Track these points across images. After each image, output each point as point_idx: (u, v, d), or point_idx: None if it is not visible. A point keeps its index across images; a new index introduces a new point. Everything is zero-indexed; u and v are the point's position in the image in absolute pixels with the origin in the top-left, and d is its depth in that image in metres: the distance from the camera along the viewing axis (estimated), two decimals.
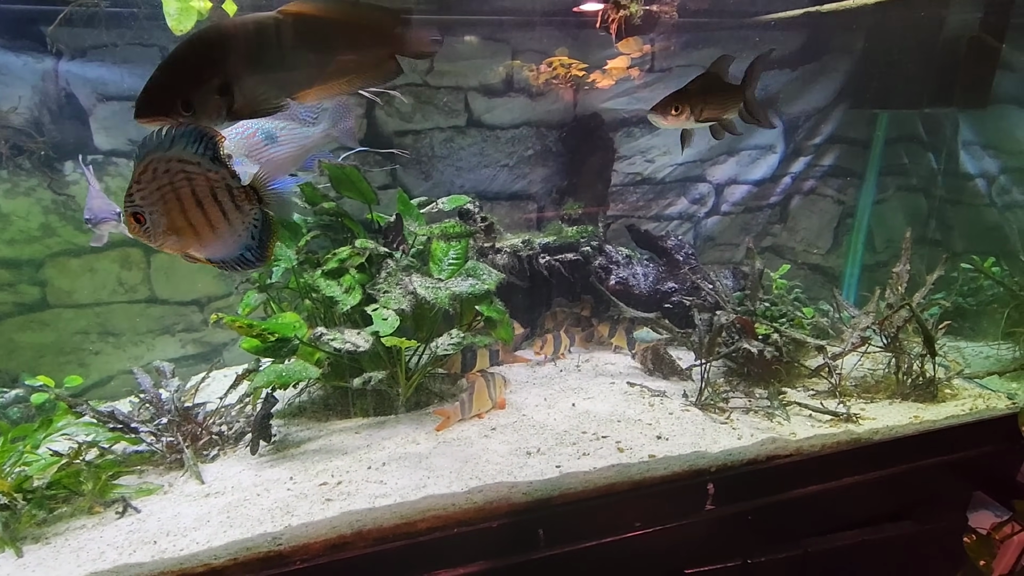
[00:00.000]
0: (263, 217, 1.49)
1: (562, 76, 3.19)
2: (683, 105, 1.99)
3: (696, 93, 2.01)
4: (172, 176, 1.36)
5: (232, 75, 1.35)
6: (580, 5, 2.92)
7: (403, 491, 2.04)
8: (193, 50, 1.35)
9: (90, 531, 1.96)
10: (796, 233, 3.78)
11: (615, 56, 3.17)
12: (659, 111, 2.01)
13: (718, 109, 2.06)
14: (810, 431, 2.48)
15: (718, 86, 2.07)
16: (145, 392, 2.51)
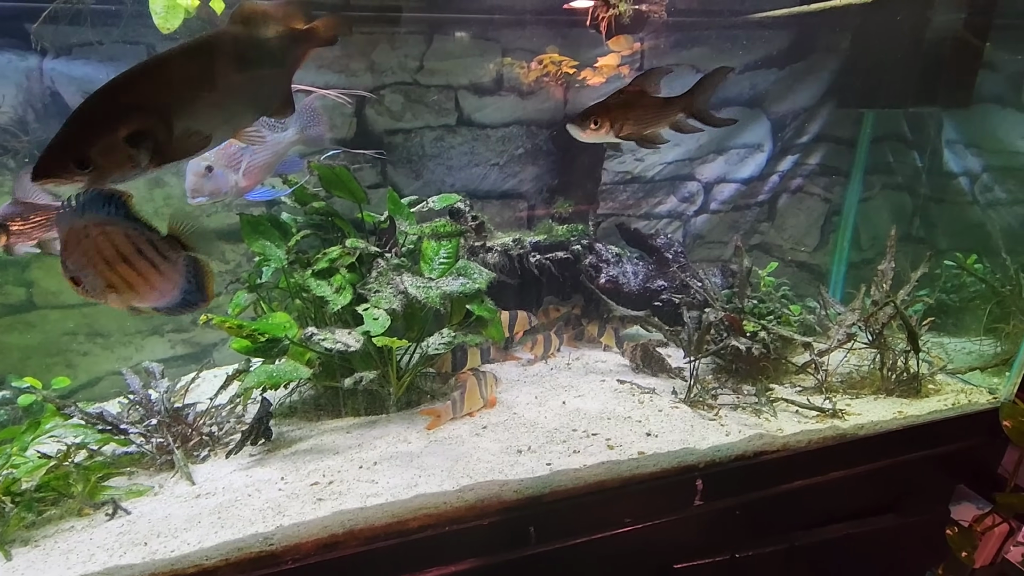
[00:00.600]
0: (191, 260, 1.55)
1: (553, 74, 3.20)
2: (603, 119, 1.95)
3: (617, 108, 1.97)
4: (94, 240, 1.38)
5: (145, 121, 1.25)
6: (570, 3, 2.93)
7: (394, 490, 2.05)
8: (90, 103, 1.26)
9: (80, 533, 1.95)
10: (784, 231, 3.82)
11: (606, 54, 3.19)
12: (577, 123, 1.96)
13: (641, 125, 2.01)
14: (797, 427, 2.51)
15: (642, 102, 2.01)
16: (134, 393, 2.51)
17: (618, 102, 1.97)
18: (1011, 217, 3.31)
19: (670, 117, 2.06)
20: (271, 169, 2.39)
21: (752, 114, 3.54)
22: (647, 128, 2.04)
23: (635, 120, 1.99)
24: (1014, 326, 3.00)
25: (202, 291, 1.58)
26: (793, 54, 3.43)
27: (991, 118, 3.29)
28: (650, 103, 2.02)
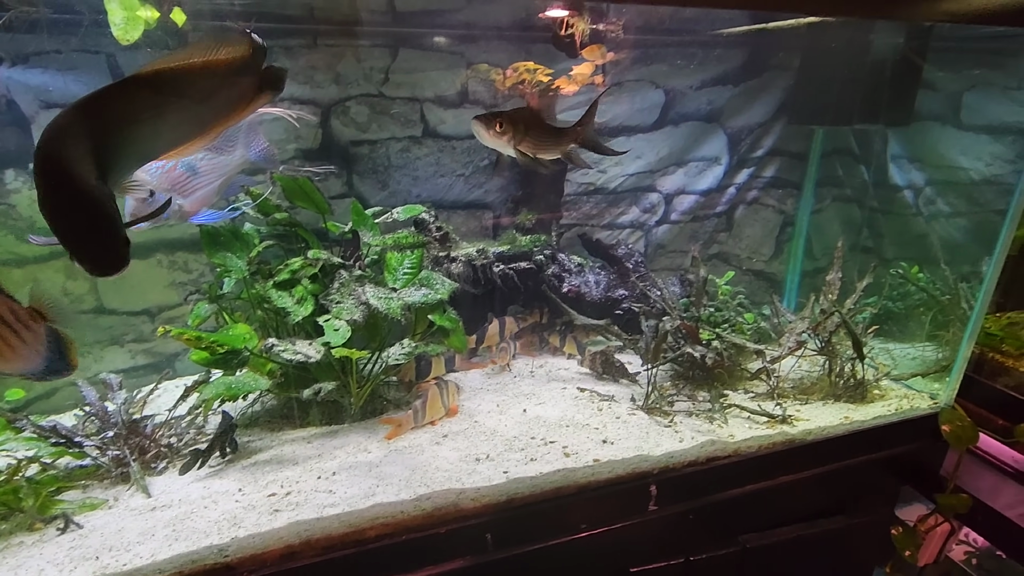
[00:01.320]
0: (53, 332, 1.63)
1: (528, 82, 3.26)
2: (507, 127, 1.98)
3: (522, 122, 2.02)
4: None
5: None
6: (543, 13, 2.99)
7: (352, 500, 2.08)
8: (96, 203, 1.29)
9: (29, 548, 1.93)
10: (741, 241, 3.94)
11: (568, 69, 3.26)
12: (483, 122, 1.98)
13: (537, 145, 2.08)
14: (748, 432, 2.60)
15: (542, 124, 2.10)
16: (90, 405, 2.48)
17: (524, 117, 2.03)
18: (952, 229, 3.48)
19: (563, 145, 2.19)
20: (219, 193, 2.40)
21: (710, 128, 3.66)
22: (541, 151, 2.12)
23: (533, 139, 2.06)
24: (953, 333, 3.15)
25: (66, 360, 1.67)
26: (746, 72, 3.56)
27: (932, 135, 3.46)
28: (547, 128, 2.12)
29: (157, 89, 1.41)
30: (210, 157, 2.36)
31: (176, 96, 1.45)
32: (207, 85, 1.50)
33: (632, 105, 3.46)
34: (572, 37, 2.67)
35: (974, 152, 3.40)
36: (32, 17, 2.39)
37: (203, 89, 1.50)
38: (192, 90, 1.47)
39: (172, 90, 1.43)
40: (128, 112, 1.39)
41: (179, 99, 1.46)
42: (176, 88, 1.44)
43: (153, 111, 1.43)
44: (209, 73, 1.49)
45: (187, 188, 2.26)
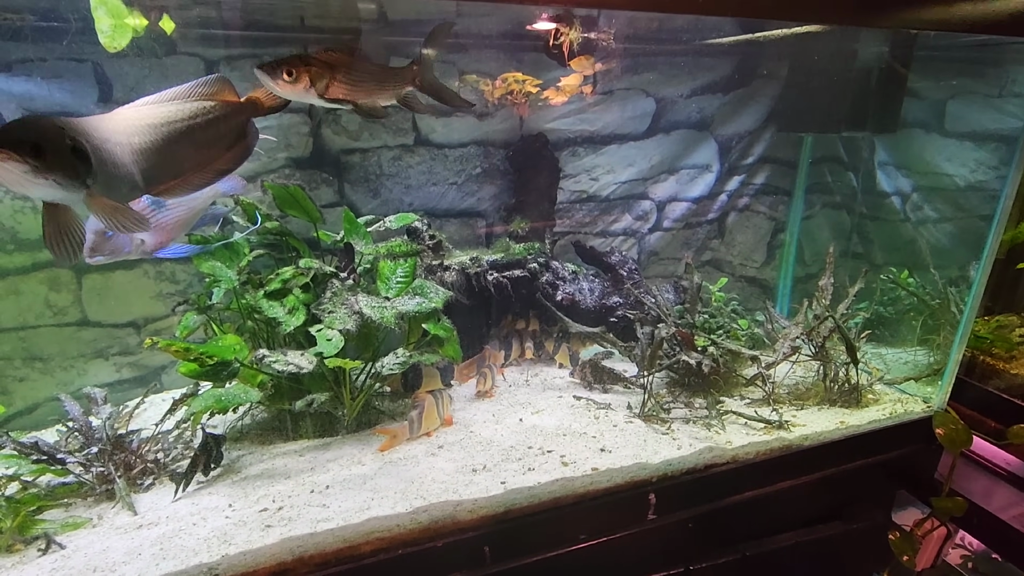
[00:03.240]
0: None
1: (517, 92, 3.26)
2: (300, 72, 1.64)
3: (321, 63, 1.68)
4: None
5: (83, 148, 1.40)
6: (532, 25, 3.00)
7: (346, 514, 2.03)
8: (37, 120, 1.39)
9: (9, 571, 1.85)
10: (733, 247, 3.97)
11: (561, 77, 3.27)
12: (267, 71, 1.65)
13: (356, 90, 1.75)
14: (745, 439, 2.59)
15: (358, 64, 1.76)
16: (73, 420, 2.41)
17: (325, 58, 1.71)
18: (939, 234, 3.53)
19: (395, 88, 1.86)
20: (188, 226, 2.31)
21: (700, 136, 3.69)
22: (364, 96, 1.79)
23: (347, 82, 1.74)
24: (944, 337, 3.18)
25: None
26: (736, 80, 3.60)
27: (917, 142, 3.51)
28: (368, 68, 1.79)
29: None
30: None
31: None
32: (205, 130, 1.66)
33: (623, 113, 3.48)
34: (561, 47, 2.67)
35: (959, 159, 3.46)
36: (16, 24, 2.35)
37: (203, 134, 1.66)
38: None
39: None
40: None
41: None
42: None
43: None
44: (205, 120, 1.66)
45: (152, 221, 2.14)
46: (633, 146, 3.58)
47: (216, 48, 2.89)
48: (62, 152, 1.34)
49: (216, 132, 1.76)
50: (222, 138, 1.78)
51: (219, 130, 1.77)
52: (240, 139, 1.82)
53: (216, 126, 1.75)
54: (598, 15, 2.84)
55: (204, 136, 1.72)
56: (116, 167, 1.50)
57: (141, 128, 1.60)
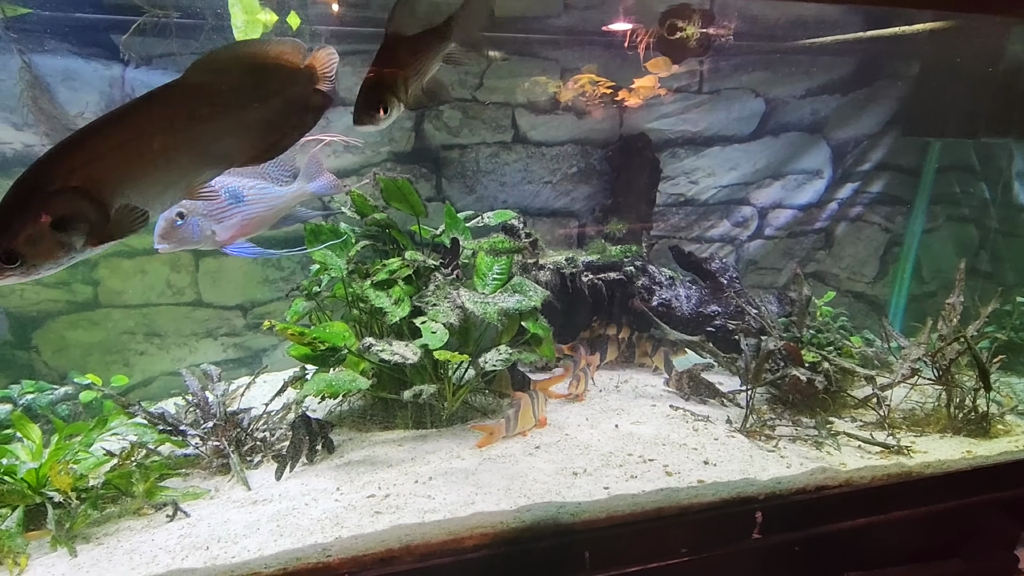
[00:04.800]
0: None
1: (589, 94, 3.21)
2: (389, 101, 1.53)
3: (393, 76, 1.54)
4: None
5: (71, 205, 1.12)
6: (608, 26, 2.95)
7: (452, 507, 2.03)
8: (11, 191, 1.16)
9: (140, 533, 1.96)
10: (841, 260, 3.73)
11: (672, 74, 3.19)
12: (366, 118, 1.53)
13: (423, 75, 1.62)
14: (860, 462, 2.42)
15: (412, 47, 1.59)
16: (193, 395, 2.54)
17: (391, 68, 1.55)
18: None
19: (440, 51, 1.68)
20: (265, 224, 2.23)
21: (812, 140, 3.50)
22: (426, 76, 1.65)
23: (417, 75, 1.60)
24: None
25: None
26: (857, 80, 3.39)
27: None
28: (416, 46, 1.60)
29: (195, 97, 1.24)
30: (260, 186, 2.19)
31: (220, 100, 1.28)
32: (254, 88, 1.33)
33: (729, 114, 3.35)
34: (680, 41, 2.58)
35: None
36: (162, 21, 2.50)
37: (250, 92, 1.33)
38: (238, 93, 1.30)
39: (214, 95, 1.27)
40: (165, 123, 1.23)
41: (224, 103, 1.28)
42: (220, 92, 1.27)
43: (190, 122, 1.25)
44: (257, 74, 1.32)
45: (225, 214, 2.09)
46: (737, 148, 3.44)
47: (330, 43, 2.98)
48: (47, 242, 1.12)
49: (284, 100, 1.42)
50: (286, 109, 1.43)
51: (287, 97, 1.42)
52: (306, 107, 1.46)
53: (284, 93, 1.41)
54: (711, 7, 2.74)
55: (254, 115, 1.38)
56: (138, 192, 1.23)
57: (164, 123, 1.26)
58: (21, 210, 1.09)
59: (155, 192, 1.26)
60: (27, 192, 1.11)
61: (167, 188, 1.29)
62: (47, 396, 2.68)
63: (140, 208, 1.22)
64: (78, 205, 1.12)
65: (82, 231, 1.14)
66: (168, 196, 1.33)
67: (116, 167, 1.16)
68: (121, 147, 1.17)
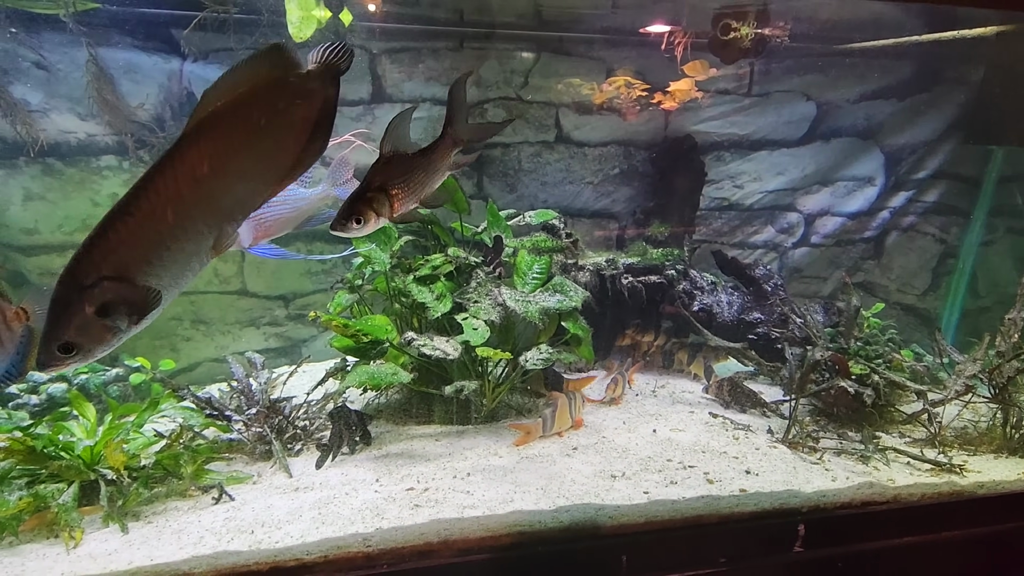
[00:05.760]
0: (29, 332, 1.61)
1: (625, 95, 3.17)
2: (366, 213, 1.55)
3: (376, 190, 1.57)
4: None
5: (109, 293, 1.19)
6: (645, 28, 2.91)
7: (490, 503, 2.03)
8: (56, 290, 1.21)
9: (187, 514, 2.01)
10: (891, 271, 3.62)
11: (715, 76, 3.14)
12: (340, 228, 1.57)
13: (416, 193, 1.64)
14: (909, 479, 2.34)
15: (404, 166, 1.62)
16: (238, 381, 2.60)
17: (377, 184, 1.58)
18: None
19: (445, 163, 1.71)
20: (289, 225, 2.19)
21: (865, 146, 3.40)
22: (424, 190, 1.67)
23: (405, 190, 1.61)
24: None
25: (23, 364, 1.63)
26: (915, 85, 3.27)
27: None
28: (412, 163, 1.62)
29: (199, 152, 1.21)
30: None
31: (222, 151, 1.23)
32: (249, 123, 1.25)
33: (779, 117, 3.28)
34: (733, 42, 2.54)
35: None
36: (222, 17, 2.57)
37: (246, 131, 1.26)
38: (234, 137, 1.24)
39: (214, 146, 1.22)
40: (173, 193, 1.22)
41: (222, 153, 1.24)
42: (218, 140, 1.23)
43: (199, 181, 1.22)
44: (248, 106, 1.24)
45: (252, 216, 1.91)
46: (786, 153, 3.36)
47: (379, 41, 3.02)
48: (90, 325, 1.19)
49: (282, 124, 1.30)
50: (290, 129, 1.32)
51: (285, 121, 1.30)
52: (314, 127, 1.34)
53: (280, 117, 1.30)
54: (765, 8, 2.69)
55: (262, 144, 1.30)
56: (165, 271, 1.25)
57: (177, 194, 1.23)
58: (66, 306, 1.19)
59: (182, 260, 1.29)
60: (68, 289, 1.20)
61: (192, 256, 1.30)
62: (100, 376, 2.78)
63: (173, 284, 1.29)
64: (114, 291, 1.20)
65: (124, 312, 1.22)
66: (197, 261, 1.34)
67: (138, 249, 1.22)
68: (138, 229, 1.21)
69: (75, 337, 1.20)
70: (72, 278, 1.19)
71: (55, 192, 2.68)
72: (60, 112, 2.61)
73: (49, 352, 1.21)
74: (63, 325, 1.19)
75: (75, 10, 2.36)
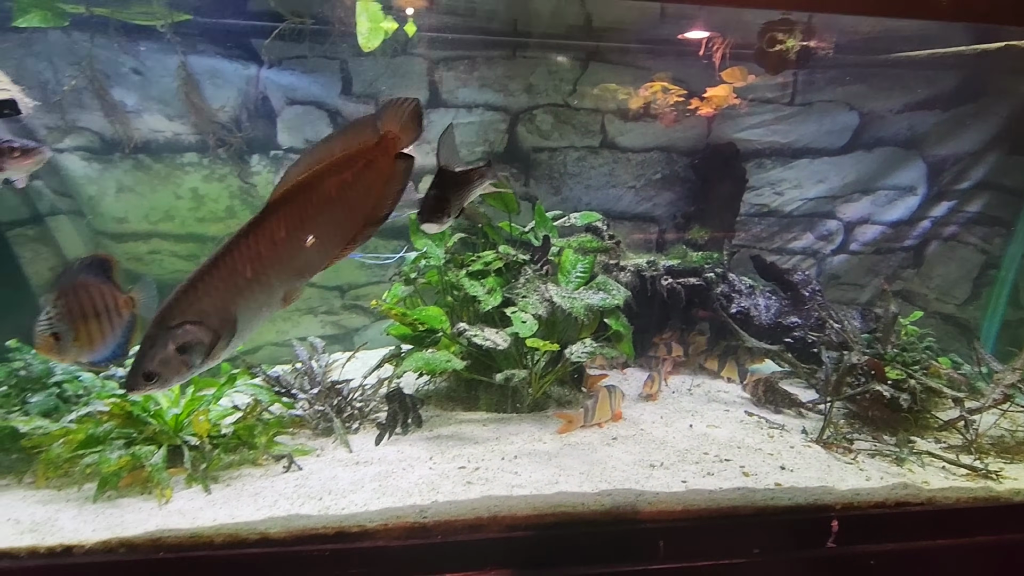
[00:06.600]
0: (134, 320, 1.83)
1: (661, 102, 3.27)
2: (442, 205, 1.81)
3: (445, 199, 1.82)
4: (80, 296, 1.74)
5: (190, 336, 1.39)
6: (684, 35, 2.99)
7: (537, 484, 2.17)
8: (148, 331, 1.42)
9: (260, 480, 2.22)
10: (930, 280, 3.63)
11: (755, 85, 3.23)
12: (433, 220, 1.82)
13: (465, 198, 1.90)
14: (944, 482, 2.39)
15: (462, 179, 1.91)
16: (302, 363, 2.81)
17: (443, 192, 1.83)
18: None
19: (478, 185, 1.99)
20: None
21: (907, 155, 3.43)
22: (466, 200, 1.95)
23: (457, 199, 1.88)
24: None
25: (126, 346, 1.83)
26: (960, 96, 3.30)
27: None
28: (459, 177, 1.89)
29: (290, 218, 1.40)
30: None
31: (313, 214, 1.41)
32: (330, 192, 1.43)
33: (821, 126, 3.34)
34: (778, 53, 2.63)
35: None
36: (299, 27, 2.79)
37: (326, 197, 1.43)
38: (313, 204, 1.42)
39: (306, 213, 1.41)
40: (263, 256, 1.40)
41: (302, 220, 1.42)
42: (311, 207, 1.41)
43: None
44: (331, 175, 1.42)
45: None
46: (827, 161, 3.43)
47: (437, 50, 3.21)
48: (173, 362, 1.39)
49: (363, 186, 1.47)
50: (370, 189, 1.49)
51: (365, 183, 1.48)
52: (390, 179, 1.50)
53: (361, 181, 1.47)
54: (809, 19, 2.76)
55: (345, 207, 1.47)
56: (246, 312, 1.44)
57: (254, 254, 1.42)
58: (153, 343, 1.40)
59: (254, 309, 1.49)
60: (157, 329, 1.41)
61: (263, 306, 1.50)
62: None
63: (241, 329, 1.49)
64: (194, 334, 1.41)
65: (200, 352, 1.43)
66: (267, 310, 1.53)
67: (218, 299, 1.42)
68: (220, 283, 1.41)
69: (157, 368, 1.41)
70: (162, 320, 1.41)
71: (143, 185, 2.95)
72: (151, 113, 2.87)
73: (135, 379, 1.42)
74: (150, 358, 1.40)
75: (171, 21, 2.61)
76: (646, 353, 3.37)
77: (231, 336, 1.44)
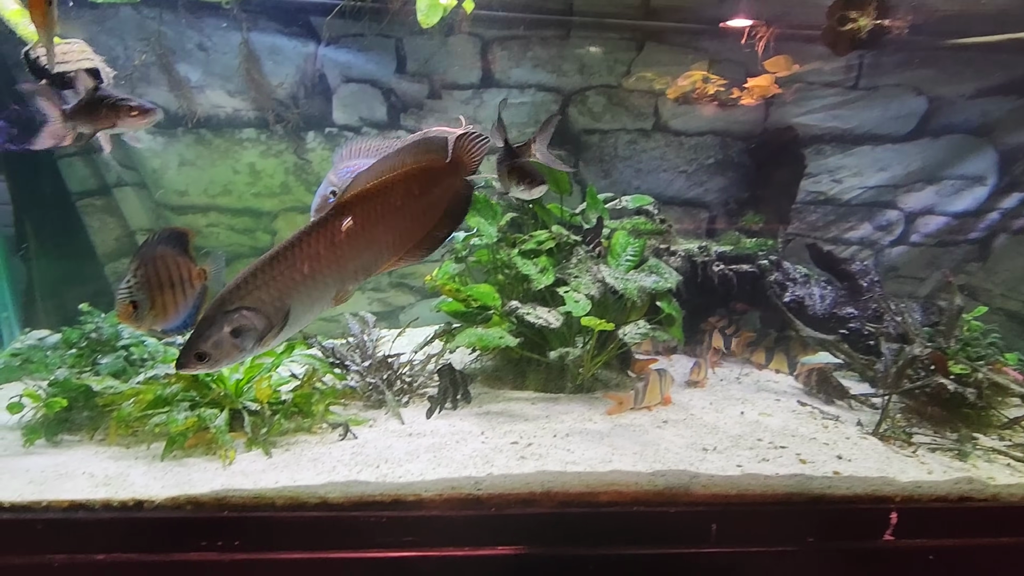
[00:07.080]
0: (204, 290, 1.90)
1: (700, 90, 3.19)
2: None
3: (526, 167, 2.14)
4: (158, 267, 1.81)
5: (245, 320, 1.43)
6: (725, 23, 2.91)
7: (590, 462, 2.17)
8: (207, 311, 1.48)
9: (318, 447, 2.27)
10: (996, 275, 3.49)
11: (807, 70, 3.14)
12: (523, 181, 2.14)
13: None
14: (1011, 479, 2.31)
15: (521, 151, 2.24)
16: (354, 336, 2.86)
17: (520, 163, 2.17)
18: None
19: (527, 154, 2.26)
20: None
21: (978, 143, 3.29)
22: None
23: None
24: None
25: (196, 316, 1.89)
26: None
27: None
28: (516, 151, 2.24)
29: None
30: None
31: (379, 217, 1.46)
32: (395, 204, 1.47)
33: (885, 112, 3.23)
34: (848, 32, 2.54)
35: None
36: (358, 4, 2.81)
37: (391, 209, 1.48)
38: (377, 214, 1.47)
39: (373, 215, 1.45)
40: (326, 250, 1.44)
41: (364, 226, 1.46)
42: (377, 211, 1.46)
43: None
44: (398, 189, 1.46)
45: None
46: (890, 148, 3.31)
47: (491, 29, 3.20)
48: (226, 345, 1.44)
49: (428, 202, 1.52)
50: (434, 206, 1.54)
51: (431, 199, 1.52)
52: (454, 200, 1.56)
53: (427, 196, 1.52)
54: None
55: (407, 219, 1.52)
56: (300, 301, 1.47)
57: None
58: (209, 324, 1.45)
59: (307, 303, 1.53)
60: (214, 312, 1.46)
61: (316, 302, 1.55)
62: None
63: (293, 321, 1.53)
64: (248, 320, 1.45)
65: (252, 337, 1.48)
66: (319, 306, 1.57)
67: (275, 290, 1.46)
68: (278, 275, 1.45)
69: (210, 349, 1.46)
70: (222, 303, 1.45)
71: (204, 159, 3.02)
72: (213, 88, 2.94)
73: (188, 357, 1.47)
74: (204, 339, 1.45)
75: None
76: (693, 340, 3.33)
77: (283, 326, 1.49)
